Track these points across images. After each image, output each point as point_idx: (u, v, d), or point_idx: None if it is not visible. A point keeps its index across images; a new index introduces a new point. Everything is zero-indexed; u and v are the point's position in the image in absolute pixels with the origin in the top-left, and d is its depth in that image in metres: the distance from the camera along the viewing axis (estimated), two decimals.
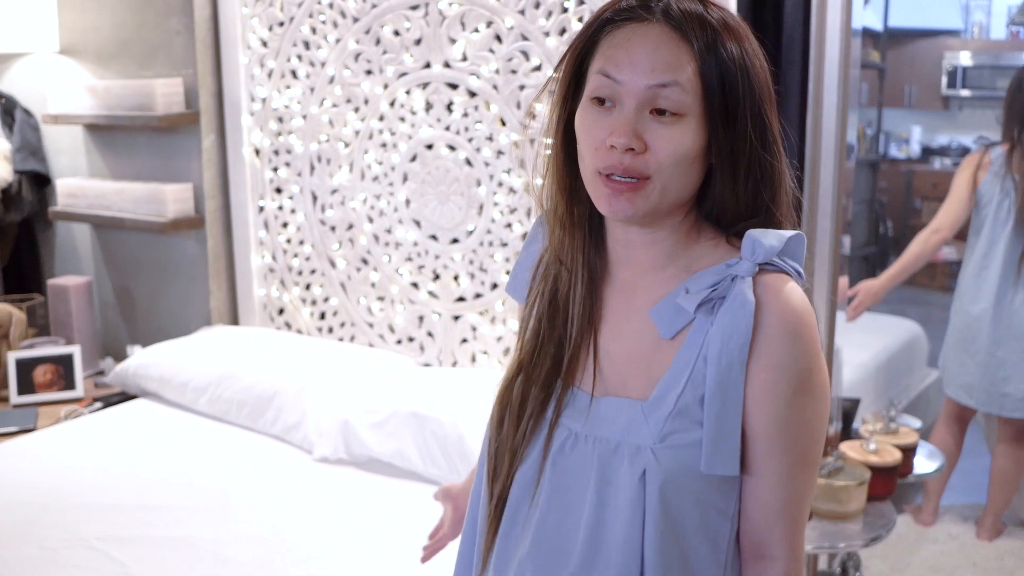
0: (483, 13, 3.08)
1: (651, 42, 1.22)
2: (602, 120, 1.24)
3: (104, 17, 3.95)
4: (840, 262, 2.75)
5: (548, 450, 1.33)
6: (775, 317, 1.22)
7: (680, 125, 1.22)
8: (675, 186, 1.24)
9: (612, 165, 1.22)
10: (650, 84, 1.21)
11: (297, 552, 2.43)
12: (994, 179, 3.94)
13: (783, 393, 1.23)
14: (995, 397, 4.02)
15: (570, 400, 1.34)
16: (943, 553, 4.00)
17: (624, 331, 1.33)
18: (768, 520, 1.28)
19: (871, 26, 7.12)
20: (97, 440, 3.13)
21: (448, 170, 3.24)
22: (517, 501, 1.36)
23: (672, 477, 1.24)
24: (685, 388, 1.25)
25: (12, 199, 4.22)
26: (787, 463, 1.26)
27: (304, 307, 3.73)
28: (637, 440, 1.26)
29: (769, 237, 1.25)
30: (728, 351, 1.23)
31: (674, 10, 1.23)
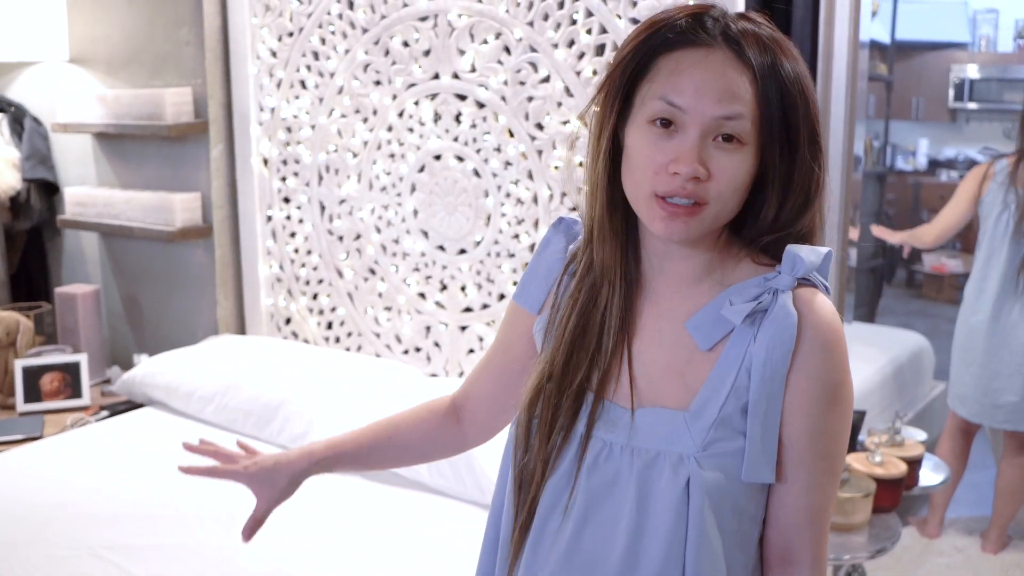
0: (492, 24, 3.09)
1: (716, 71, 1.23)
2: (662, 144, 1.25)
3: (114, 26, 3.96)
4: (847, 274, 2.76)
5: (582, 461, 1.33)
6: (812, 330, 1.26)
7: (741, 153, 1.24)
8: (728, 210, 1.27)
9: (674, 190, 1.23)
10: (716, 115, 1.22)
11: (303, 562, 2.43)
12: (997, 191, 3.96)
13: (817, 404, 1.27)
14: (987, 408, 4.03)
15: (602, 412, 1.34)
16: (948, 566, 3.99)
17: (658, 342, 1.34)
18: (796, 527, 1.31)
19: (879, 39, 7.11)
20: (103, 448, 3.13)
21: (456, 181, 3.25)
22: (547, 512, 1.36)
23: (716, 485, 1.26)
24: (728, 398, 1.27)
25: (21, 207, 4.24)
26: (816, 472, 1.29)
27: (311, 317, 3.73)
28: (679, 449, 1.28)
29: (808, 253, 1.28)
30: (772, 362, 1.25)
31: (732, 32, 1.24)
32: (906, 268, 8.75)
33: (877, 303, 7.10)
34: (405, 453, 1.70)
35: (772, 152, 1.25)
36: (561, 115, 2.99)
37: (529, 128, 3.06)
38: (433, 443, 1.69)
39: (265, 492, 1.66)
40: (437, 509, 2.72)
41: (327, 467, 1.67)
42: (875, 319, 6.75)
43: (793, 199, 1.28)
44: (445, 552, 2.46)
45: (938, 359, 5.08)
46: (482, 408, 1.64)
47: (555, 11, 2.98)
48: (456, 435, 1.67)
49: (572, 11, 2.95)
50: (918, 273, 8.58)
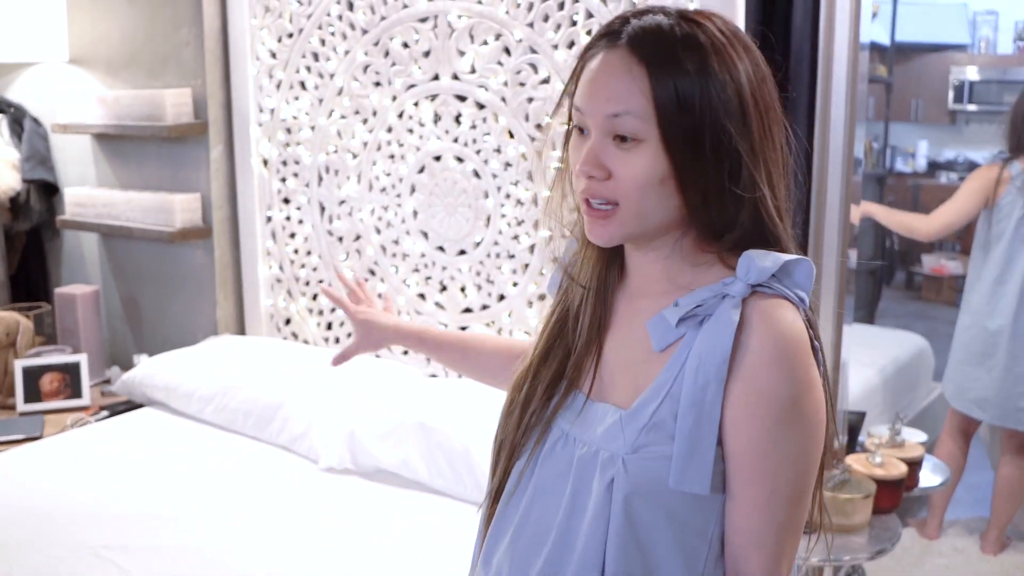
0: (492, 26, 3.09)
1: (608, 70, 1.25)
2: (578, 148, 1.29)
3: (114, 27, 3.96)
4: (847, 276, 2.76)
5: (540, 446, 1.37)
6: (760, 340, 1.21)
7: (639, 150, 1.23)
8: (651, 210, 1.25)
9: (585, 190, 1.27)
10: (607, 114, 1.24)
11: (303, 562, 2.43)
12: (1016, 195, 3.91)
13: (763, 419, 1.21)
14: (1011, 412, 4.02)
15: (570, 402, 1.37)
16: (948, 567, 4.00)
17: (625, 339, 1.36)
18: (745, 547, 1.26)
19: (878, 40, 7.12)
20: (103, 449, 3.14)
21: (456, 182, 3.25)
22: (508, 494, 1.40)
23: (639, 489, 1.24)
24: (663, 402, 1.25)
25: (20, 208, 4.24)
26: (766, 490, 1.23)
27: (311, 317, 3.73)
28: (612, 448, 1.27)
29: (765, 259, 1.24)
30: (705, 369, 1.22)
31: (636, 32, 1.24)
32: (905, 270, 8.76)
33: (876, 305, 7.10)
34: (473, 369, 1.89)
35: (677, 151, 1.22)
36: (561, 116, 2.98)
37: (529, 129, 3.07)
38: (496, 374, 1.82)
39: (359, 337, 1.99)
40: (437, 509, 2.72)
41: (404, 339, 1.95)
42: (874, 321, 6.75)
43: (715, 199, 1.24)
44: (445, 552, 2.46)
45: (937, 361, 5.08)
46: None
47: (555, 12, 2.98)
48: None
49: (572, 12, 2.95)
50: (917, 275, 8.59)
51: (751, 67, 1.26)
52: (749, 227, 1.27)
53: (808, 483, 1.26)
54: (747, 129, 1.23)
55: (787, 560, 1.27)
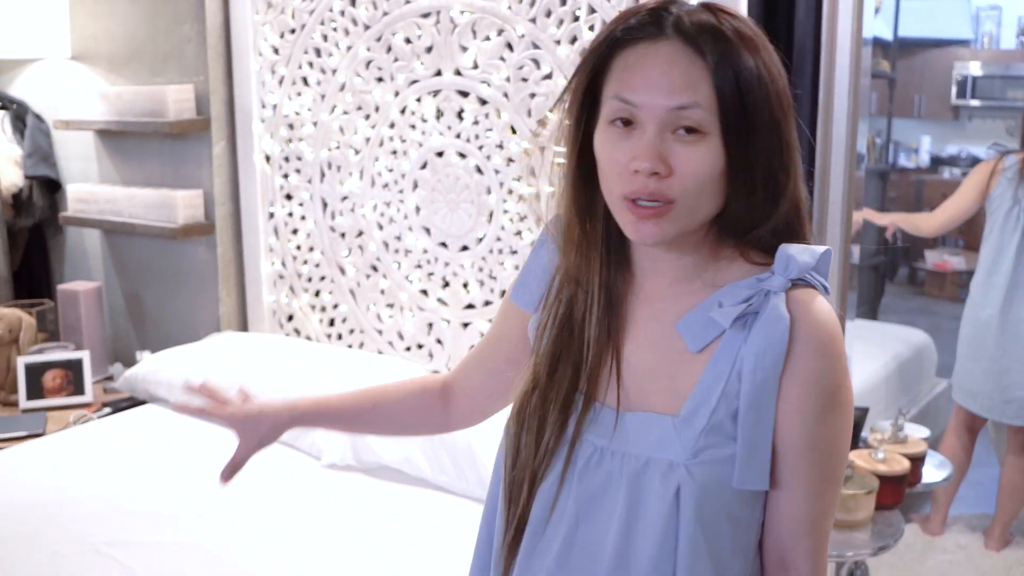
0: (494, 21, 3.09)
1: (665, 62, 1.20)
2: (623, 144, 1.22)
3: (116, 23, 3.96)
4: (849, 271, 2.75)
5: (571, 467, 1.31)
6: (807, 333, 1.22)
7: (703, 144, 1.20)
8: (701, 206, 1.23)
9: (637, 190, 1.21)
10: (670, 106, 1.19)
11: (305, 558, 2.43)
12: (1006, 186, 3.95)
13: (813, 409, 1.23)
14: (998, 404, 4.03)
15: (593, 416, 1.32)
16: (951, 563, 3.99)
17: (648, 343, 1.32)
18: (795, 534, 1.28)
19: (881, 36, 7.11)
20: (106, 445, 3.14)
21: (458, 177, 3.25)
22: (538, 521, 1.34)
23: (707, 493, 1.23)
24: (719, 404, 1.24)
25: (23, 204, 4.24)
26: (814, 478, 1.26)
27: (313, 314, 3.73)
28: (669, 456, 1.25)
29: (802, 253, 1.25)
30: (763, 367, 1.22)
31: (686, 24, 1.21)
32: (908, 266, 8.75)
33: (879, 300, 7.10)
34: (388, 422, 1.73)
35: (733, 144, 1.21)
36: (558, 111, 2.98)
37: (531, 125, 3.06)
38: (417, 419, 1.70)
39: (246, 437, 1.71)
40: (440, 506, 2.72)
41: (308, 422, 1.72)
42: (877, 316, 6.75)
43: (761, 192, 1.24)
44: (448, 548, 2.46)
45: (940, 356, 5.08)
46: (469, 395, 1.63)
47: (557, 7, 2.97)
48: (441, 416, 1.67)
49: (575, 7, 2.94)
50: (920, 270, 8.59)
51: (780, 60, 1.27)
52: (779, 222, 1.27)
53: (844, 466, 1.30)
54: (788, 120, 1.25)
55: (827, 542, 1.31)
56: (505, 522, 1.38)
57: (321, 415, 1.70)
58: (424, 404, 1.67)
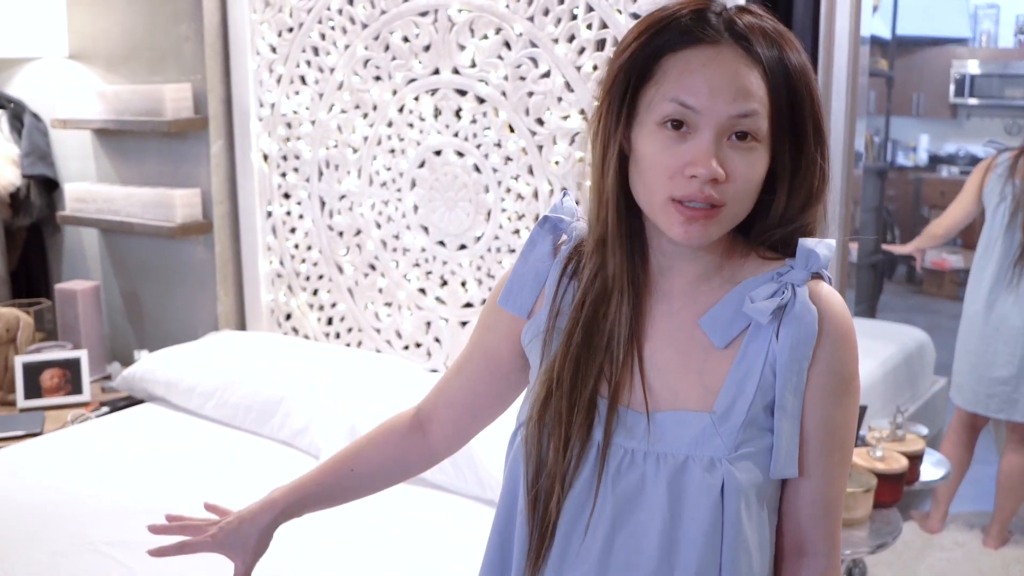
0: (492, 20, 3.09)
1: (727, 69, 1.20)
2: (676, 147, 1.21)
3: (114, 22, 3.96)
4: (848, 270, 2.75)
5: (603, 472, 1.30)
6: (830, 324, 1.27)
7: (758, 151, 1.22)
8: (744, 209, 1.25)
9: (692, 194, 1.20)
10: (732, 114, 1.20)
11: (305, 557, 2.43)
12: (996, 182, 3.99)
13: (833, 396, 1.28)
14: (981, 396, 4.06)
15: (618, 419, 1.31)
16: (949, 561, 3.99)
17: (670, 343, 1.32)
18: (814, 518, 1.31)
19: (879, 34, 7.11)
20: (104, 444, 3.13)
21: (456, 176, 3.25)
22: (570, 526, 1.32)
23: (751, 486, 1.26)
24: (755, 397, 1.26)
25: (21, 203, 4.23)
26: (833, 462, 1.30)
27: (311, 312, 3.73)
28: (709, 452, 1.26)
29: (821, 247, 1.28)
30: (797, 359, 1.25)
31: (739, 27, 1.22)
32: (907, 264, 8.75)
33: (878, 299, 7.10)
34: (372, 480, 1.67)
35: (781, 147, 1.23)
36: (561, 110, 2.98)
37: (529, 123, 3.06)
38: (400, 464, 1.65)
39: (239, 555, 1.64)
40: (439, 505, 2.72)
41: (293, 513, 1.65)
42: (876, 315, 6.75)
43: (801, 193, 1.27)
44: (446, 547, 2.46)
45: (939, 354, 5.08)
46: (453, 417, 1.59)
47: (555, 6, 2.97)
48: (423, 450, 1.63)
49: (572, 6, 2.94)
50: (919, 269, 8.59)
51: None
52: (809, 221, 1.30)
53: (853, 448, 1.35)
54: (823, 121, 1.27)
55: (840, 522, 1.36)
56: (529, 531, 1.35)
57: (303, 502, 1.65)
58: (402, 447, 1.63)
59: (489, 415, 1.58)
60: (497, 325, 1.48)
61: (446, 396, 1.60)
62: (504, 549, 1.43)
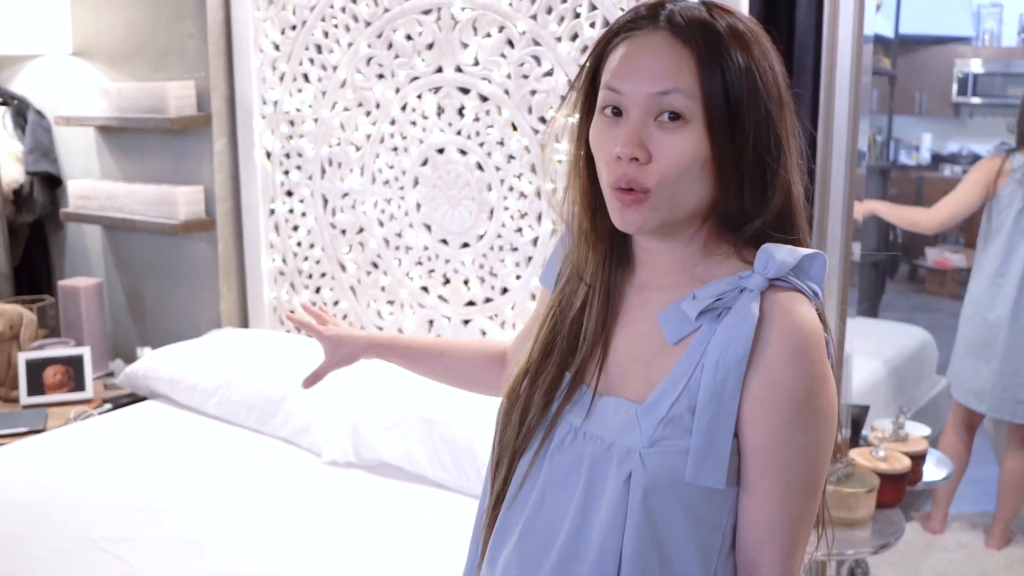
0: (495, 18, 3.09)
1: (652, 50, 1.23)
2: (611, 132, 1.25)
3: (117, 19, 3.96)
4: (850, 269, 2.75)
5: (547, 444, 1.34)
6: (778, 334, 1.20)
7: (684, 131, 1.21)
8: (682, 196, 1.23)
9: (618, 177, 1.23)
10: (652, 92, 1.21)
11: (306, 555, 2.43)
12: (1016, 187, 3.93)
13: (780, 412, 1.21)
14: (1008, 403, 4.03)
15: (577, 397, 1.34)
16: (951, 561, 3.99)
17: (635, 332, 1.33)
18: (759, 540, 1.26)
19: (882, 33, 7.12)
20: (106, 441, 3.14)
21: (459, 174, 3.25)
22: (511, 497, 1.37)
23: (657, 483, 1.23)
24: (680, 395, 1.24)
25: (24, 200, 4.24)
26: (781, 484, 1.23)
27: None
28: (628, 442, 1.26)
29: (783, 252, 1.23)
30: (725, 363, 1.21)
31: (677, 18, 1.23)
32: (909, 263, 8.75)
33: (880, 298, 7.10)
34: (450, 374, 1.85)
35: (718, 135, 1.22)
36: (565, 109, 2.98)
37: (532, 122, 3.06)
38: (475, 376, 1.82)
39: (330, 354, 1.93)
40: (440, 502, 2.72)
41: (381, 353, 1.88)
42: (878, 314, 6.75)
43: (750, 188, 1.25)
44: (447, 545, 2.46)
45: (941, 354, 5.08)
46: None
47: (558, 5, 2.97)
48: (495, 379, 1.74)
49: (575, 4, 2.94)
50: (920, 268, 8.59)
51: (777, 57, 1.28)
52: (772, 217, 1.27)
53: (821, 476, 1.26)
54: (781, 115, 1.26)
55: (799, 552, 1.27)
56: (489, 496, 1.42)
57: (393, 350, 1.87)
58: (484, 367, 1.80)
59: None
60: (540, 298, 1.61)
61: (514, 347, 1.72)
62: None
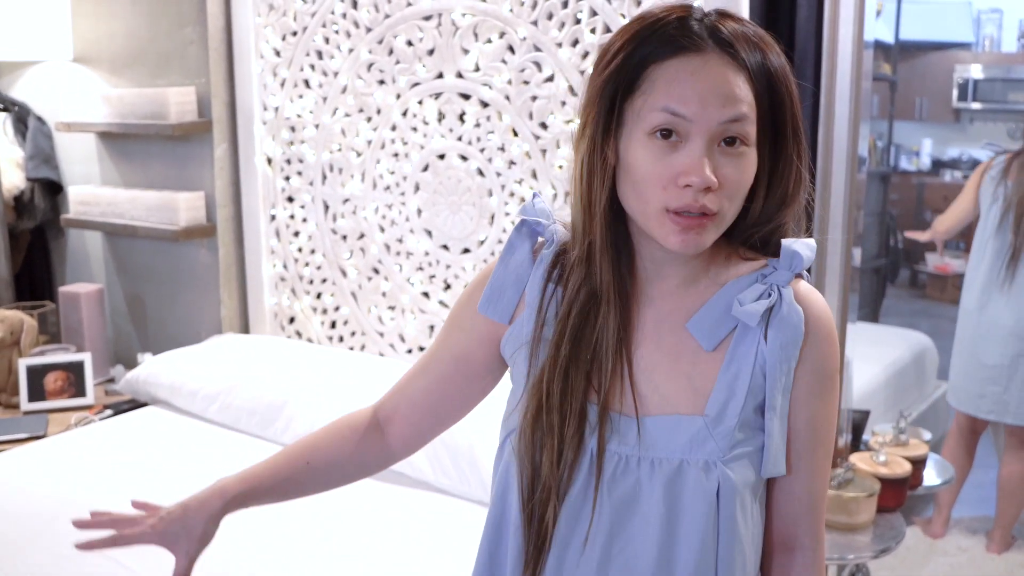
0: (496, 24, 3.09)
1: (715, 75, 1.21)
2: (668, 157, 1.21)
3: (118, 26, 3.96)
4: (851, 274, 2.75)
5: (600, 479, 1.30)
6: (814, 323, 1.29)
7: (747, 156, 1.23)
8: (734, 213, 1.26)
9: (688, 204, 1.21)
10: (722, 120, 1.20)
11: (307, 561, 2.43)
12: (990, 184, 4.02)
13: (818, 394, 1.31)
14: (973, 397, 4.06)
15: (611, 425, 1.30)
16: (952, 566, 3.99)
17: (659, 347, 1.33)
18: (799, 513, 1.34)
19: (882, 39, 7.12)
20: (107, 447, 3.14)
21: (460, 180, 3.25)
22: (566, 535, 1.31)
23: (745, 486, 1.28)
24: (747, 399, 1.28)
25: (25, 206, 4.24)
26: (816, 458, 1.33)
27: (315, 316, 3.73)
28: (704, 456, 1.27)
29: (803, 247, 1.30)
30: (786, 359, 1.28)
31: (723, 34, 1.22)
32: (910, 268, 8.75)
33: (881, 303, 7.10)
34: (326, 477, 1.61)
35: (763, 149, 1.25)
36: (565, 114, 2.99)
37: (533, 127, 3.06)
38: (355, 462, 1.59)
39: (182, 545, 1.57)
40: (442, 508, 2.72)
41: (243, 503, 1.59)
42: (879, 319, 6.75)
43: (777, 194, 1.29)
44: (450, 550, 2.46)
45: (942, 359, 5.08)
46: (416, 419, 1.56)
47: (559, 10, 2.97)
48: (381, 450, 1.58)
49: (576, 10, 2.94)
50: (921, 273, 8.59)
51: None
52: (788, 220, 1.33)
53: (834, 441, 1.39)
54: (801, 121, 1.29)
55: (824, 516, 1.38)
56: (524, 542, 1.34)
57: (255, 492, 1.60)
58: (359, 445, 1.58)
59: (452, 418, 1.55)
60: (472, 328, 1.47)
61: (408, 397, 1.56)
62: (493, 560, 1.42)
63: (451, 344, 1.51)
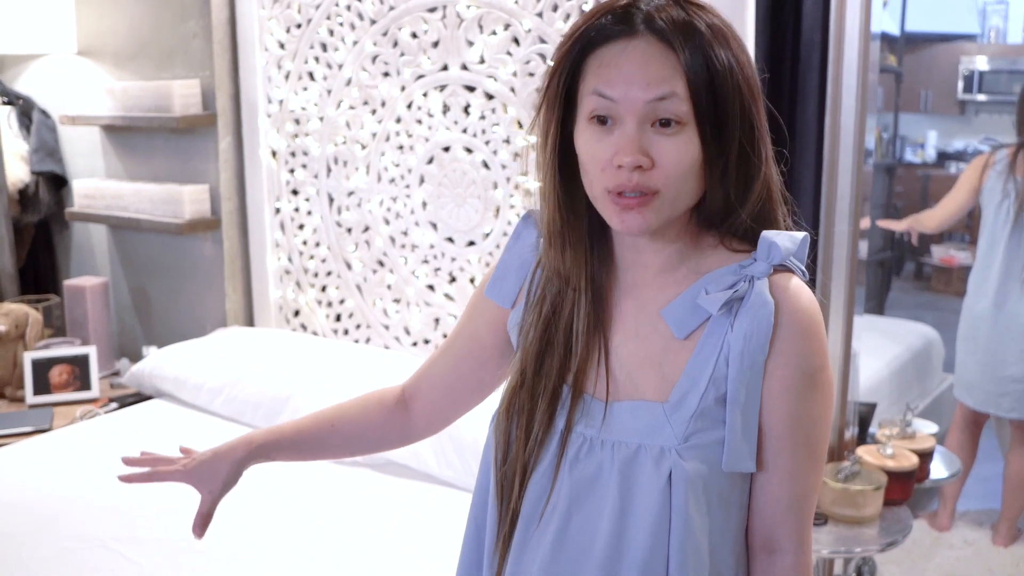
0: (501, 16, 3.08)
1: (640, 57, 1.23)
2: (604, 139, 1.25)
3: (122, 19, 3.96)
4: (856, 267, 2.74)
5: (562, 458, 1.33)
6: (789, 316, 1.26)
7: (682, 135, 1.22)
8: (682, 195, 1.26)
9: (621, 184, 1.23)
10: (648, 99, 1.22)
11: (313, 553, 2.43)
12: (996, 179, 3.99)
13: (796, 390, 1.28)
14: (992, 397, 4.05)
15: (582, 407, 1.34)
16: (959, 559, 3.99)
17: (635, 333, 1.34)
18: (779, 514, 1.32)
19: (888, 30, 7.11)
20: (112, 440, 3.14)
21: (465, 172, 3.24)
22: (530, 514, 1.36)
23: (698, 477, 1.26)
24: (707, 388, 1.27)
25: (29, 200, 4.24)
26: (798, 458, 1.30)
27: (320, 309, 3.73)
28: (660, 442, 1.28)
29: (782, 238, 1.28)
30: (750, 351, 1.26)
31: (657, 22, 1.23)
32: (915, 261, 8.74)
33: (886, 296, 7.09)
34: (349, 442, 1.68)
35: (708, 132, 1.24)
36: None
37: None
38: (379, 433, 1.66)
39: (207, 485, 1.65)
40: (447, 501, 2.72)
41: (267, 454, 1.65)
42: (884, 312, 6.74)
43: (735, 181, 1.27)
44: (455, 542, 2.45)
45: (948, 352, 5.07)
46: (435, 399, 1.61)
47: (564, 2, 2.97)
48: (404, 426, 1.64)
49: (581, 2, 2.94)
50: (927, 266, 8.58)
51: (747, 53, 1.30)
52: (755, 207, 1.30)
53: (826, 446, 1.34)
54: (758, 107, 1.28)
55: (812, 520, 1.36)
56: (498, 517, 1.40)
57: (279, 445, 1.65)
58: (384, 417, 1.64)
59: (469, 401, 1.60)
60: (483, 312, 1.52)
61: (429, 377, 1.62)
62: (479, 532, 1.48)
63: (466, 326, 1.56)
